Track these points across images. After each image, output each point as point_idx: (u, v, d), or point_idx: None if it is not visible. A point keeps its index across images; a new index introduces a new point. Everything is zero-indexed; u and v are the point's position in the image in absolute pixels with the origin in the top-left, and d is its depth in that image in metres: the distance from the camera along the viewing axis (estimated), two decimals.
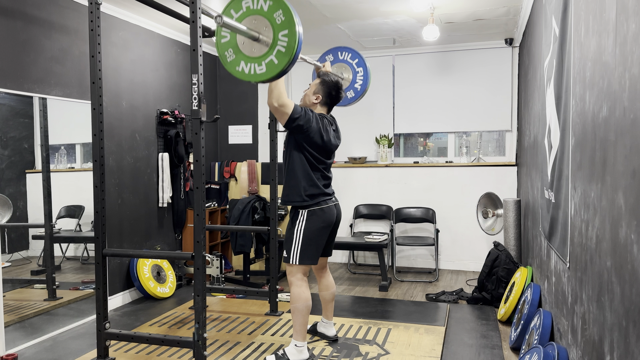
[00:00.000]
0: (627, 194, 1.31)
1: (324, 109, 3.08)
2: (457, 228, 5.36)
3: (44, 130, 3.53)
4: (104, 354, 2.97)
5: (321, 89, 3.04)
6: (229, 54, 2.56)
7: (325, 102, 3.06)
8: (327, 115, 3.08)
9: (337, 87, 3.06)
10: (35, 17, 3.39)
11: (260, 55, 2.48)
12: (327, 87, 3.04)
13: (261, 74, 2.49)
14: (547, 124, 2.78)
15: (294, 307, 2.94)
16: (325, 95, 3.04)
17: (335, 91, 3.06)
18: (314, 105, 3.06)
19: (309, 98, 3.07)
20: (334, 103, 3.10)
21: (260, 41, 2.48)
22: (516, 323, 3.23)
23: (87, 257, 4.02)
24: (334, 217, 3.03)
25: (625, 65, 1.33)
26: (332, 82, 3.05)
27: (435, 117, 5.53)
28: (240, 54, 2.53)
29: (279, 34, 2.43)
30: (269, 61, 2.47)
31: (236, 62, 2.54)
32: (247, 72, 2.52)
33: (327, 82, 3.04)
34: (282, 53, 2.43)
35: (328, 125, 3.00)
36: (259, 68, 2.49)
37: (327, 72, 3.16)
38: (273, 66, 2.46)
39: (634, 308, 1.26)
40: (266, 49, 2.46)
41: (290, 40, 2.41)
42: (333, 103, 3.10)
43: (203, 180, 2.64)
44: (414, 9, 4.14)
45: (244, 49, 2.52)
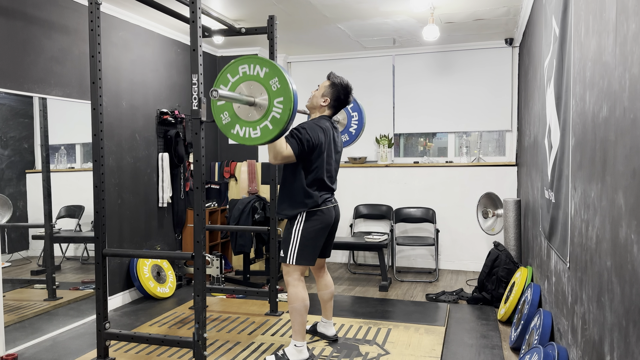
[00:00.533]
0: (627, 194, 1.31)
1: (330, 112, 3.06)
2: (457, 228, 5.36)
3: (44, 130, 3.53)
4: (104, 354, 2.97)
5: (330, 92, 3.01)
6: (224, 116, 2.59)
7: (333, 105, 3.03)
8: (329, 121, 3.04)
9: (346, 90, 3.02)
10: (35, 17, 3.39)
11: (255, 120, 2.52)
12: (337, 90, 3.01)
13: (256, 138, 2.53)
14: (547, 124, 2.78)
15: (292, 308, 2.94)
16: (333, 98, 3.01)
17: (344, 95, 3.02)
18: (321, 108, 3.04)
19: (316, 100, 3.04)
20: (341, 107, 3.08)
21: (256, 106, 2.51)
22: (516, 323, 3.23)
23: (87, 257, 4.02)
24: (332, 218, 3.03)
25: (625, 65, 1.33)
26: (342, 85, 3.01)
27: (435, 117, 5.53)
28: (235, 117, 2.56)
29: (274, 101, 2.46)
30: (263, 126, 2.50)
31: (231, 125, 2.57)
32: (242, 135, 2.55)
33: (336, 85, 3.01)
34: (277, 119, 2.47)
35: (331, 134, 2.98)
36: (253, 132, 2.53)
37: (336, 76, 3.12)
38: (268, 131, 2.50)
39: (634, 308, 1.26)
40: (261, 114, 2.50)
41: (285, 108, 2.44)
42: (340, 107, 3.07)
43: (203, 180, 2.64)
44: (414, 9, 4.14)
45: (240, 113, 2.55)
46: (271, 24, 3.63)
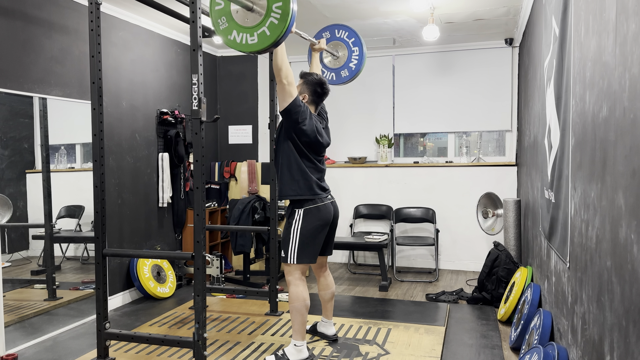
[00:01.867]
0: (627, 194, 1.31)
1: (312, 107, 3.08)
2: (457, 228, 5.36)
3: (44, 130, 3.53)
4: (104, 354, 2.97)
5: (306, 89, 3.05)
6: (222, 21, 2.54)
7: (313, 100, 3.07)
8: (316, 112, 3.09)
9: (321, 84, 3.06)
10: (35, 17, 3.39)
11: (252, 26, 2.46)
12: (312, 85, 3.04)
13: (252, 45, 2.48)
14: (547, 124, 2.78)
15: (292, 307, 2.94)
16: (311, 93, 3.05)
17: (320, 88, 3.06)
18: None
19: None
20: (321, 99, 3.11)
21: (254, 11, 2.45)
22: (516, 323, 3.23)
23: (87, 257, 4.02)
24: (331, 215, 3.03)
25: (625, 65, 1.33)
26: (314, 80, 3.05)
27: (436, 117, 5.53)
28: (233, 22, 2.50)
29: (273, 6, 2.41)
30: (261, 32, 2.45)
31: (228, 31, 2.52)
32: (239, 41, 2.51)
33: (309, 81, 3.05)
34: (275, 25, 2.41)
35: (318, 123, 3.02)
36: (250, 38, 2.48)
37: (310, 72, 3.14)
38: (265, 37, 2.44)
39: (634, 308, 1.26)
40: (259, 20, 2.44)
41: (284, 12, 2.39)
42: (320, 99, 3.11)
43: (203, 180, 2.64)
44: (414, 9, 4.14)
45: (237, 18, 2.50)
46: None
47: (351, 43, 3.68)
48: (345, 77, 3.70)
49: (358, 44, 3.67)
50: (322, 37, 3.65)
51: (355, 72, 3.69)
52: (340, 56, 3.70)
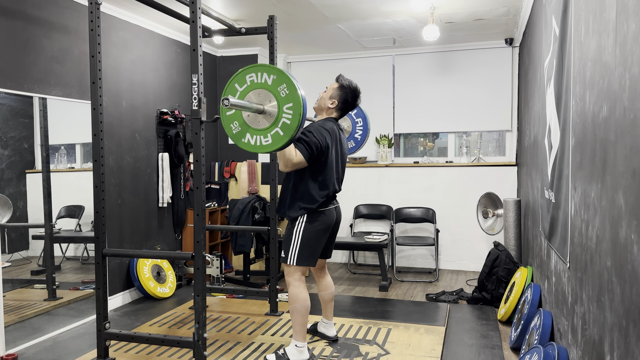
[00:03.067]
0: (627, 194, 1.31)
1: (337, 114, 3.05)
2: (457, 228, 5.36)
3: (44, 130, 3.53)
4: (104, 354, 2.97)
5: (338, 95, 3.01)
6: (235, 126, 2.58)
7: (340, 107, 3.03)
8: (335, 123, 3.02)
9: (354, 94, 3.02)
10: (35, 17, 3.39)
11: (265, 128, 2.51)
12: (345, 93, 3.00)
13: (267, 145, 2.52)
14: (547, 124, 2.78)
15: (293, 308, 2.94)
16: (341, 101, 3.01)
17: (352, 98, 3.02)
18: (328, 110, 3.04)
19: (324, 102, 3.04)
20: (348, 109, 3.07)
21: (266, 113, 2.50)
22: (516, 323, 3.23)
23: (87, 257, 4.02)
24: (334, 220, 3.02)
25: (625, 65, 1.33)
26: (350, 88, 3.01)
27: (435, 117, 5.53)
28: (246, 126, 2.55)
29: (284, 107, 2.46)
30: (274, 133, 2.49)
31: (242, 135, 2.56)
32: (254, 143, 2.54)
33: (345, 87, 3.01)
34: (288, 125, 2.46)
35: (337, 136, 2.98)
36: (264, 140, 2.52)
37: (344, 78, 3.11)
38: (279, 137, 2.49)
39: (634, 308, 1.26)
40: (271, 121, 2.49)
41: (295, 113, 2.44)
42: (347, 109, 3.07)
43: (203, 180, 2.64)
44: (414, 9, 4.14)
45: (250, 122, 2.54)
46: (271, 24, 3.63)
47: (354, 115, 3.75)
48: (352, 147, 3.79)
49: (360, 114, 3.74)
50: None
51: (361, 142, 3.76)
52: (344, 128, 3.74)
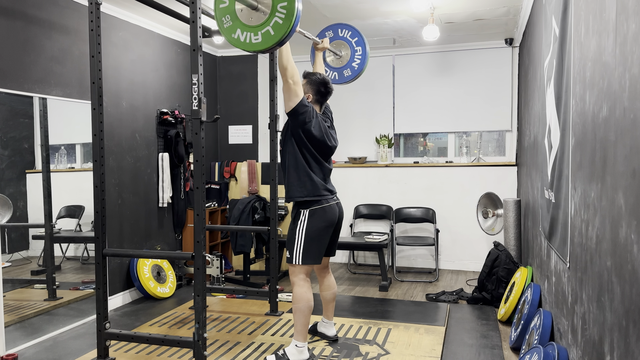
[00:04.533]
0: (627, 194, 1.31)
1: (317, 107, 3.08)
2: (457, 228, 5.36)
3: (44, 130, 3.53)
4: (104, 354, 2.97)
5: (310, 89, 3.04)
6: (226, 20, 2.53)
7: (317, 99, 3.06)
8: (320, 112, 3.08)
9: (324, 83, 3.05)
10: (35, 17, 3.39)
11: (257, 25, 2.45)
12: (315, 85, 3.04)
13: (257, 44, 2.47)
14: (547, 124, 2.78)
15: (296, 308, 2.94)
16: (315, 93, 3.04)
17: (324, 87, 3.05)
18: None
19: None
20: (325, 99, 3.10)
21: (259, 10, 2.45)
22: (516, 323, 3.23)
23: (87, 257, 4.02)
24: (336, 216, 3.03)
25: (625, 65, 1.33)
26: (318, 80, 3.04)
27: (436, 117, 5.53)
28: (237, 21, 2.49)
29: (278, 5, 2.40)
30: (265, 31, 2.44)
31: (232, 29, 2.51)
32: (243, 40, 2.50)
33: (313, 80, 3.04)
34: (280, 24, 2.40)
35: (324, 124, 3.02)
36: (254, 37, 2.47)
37: (313, 72, 3.14)
38: (269, 37, 2.44)
39: (634, 308, 1.26)
40: (264, 19, 2.43)
41: (289, 12, 2.38)
42: (324, 99, 3.10)
43: (203, 180, 2.64)
44: (414, 9, 4.14)
45: (242, 17, 2.49)
46: None
47: (354, 42, 3.67)
48: (348, 76, 3.70)
49: (361, 43, 3.66)
50: (325, 36, 3.65)
51: (358, 71, 3.68)
52: (343, 55, 3.69)
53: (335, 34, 3.69)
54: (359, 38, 3.65)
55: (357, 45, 3.67)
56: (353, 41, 3.66)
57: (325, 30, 3.71)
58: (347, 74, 3.70)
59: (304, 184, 2.92)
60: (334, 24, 3.72)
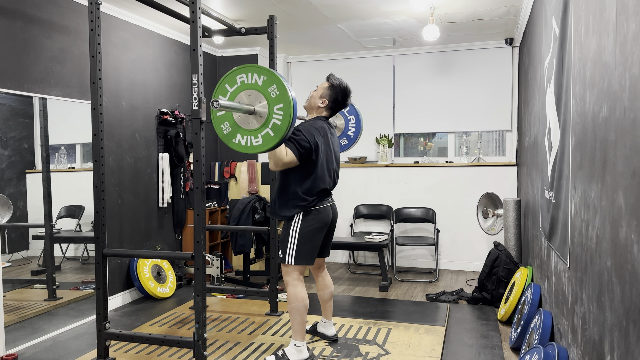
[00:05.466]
0: (627, 194, 1.31)
1: (327, 113, 3.06)
2: (457, 228, 5.36)
3: (44, 130, 3.53)
4: (104, 354, 2.97)
5: (328, 94, 3.01)
6: (225, 126, 2.57)
7: (330, 107, 3.04)
8: (325, 122, 3.04)
9: (345, 93, 3.03)
10: (35, 17, 3.39)
11: (256, 129, 2.51)
12: (335, 92, 3.01)
13: (258, 146, 2.52)
14: (547, 124, 2.78)
15: (291, 307, 2.94)
16: (331, 100, 3.02)
17: (342, 97, 3.03)
18: (318, 109, 3.04)
19: (314, 100, 3.05)
20: (338, 109, 3.08)
21: (256, 114, 2.50)
22: (516, 323, 3.23)
23: (87, 257, 4.02)
24: (330, 217, 3.02)
25: (626, 65, 1.33)
26: (340, 88, 3.01)
27: (436, 117, 5.53)
28: (236, 127, 2.55)
29: (274, 108, 2.46)
30: (265, 134, 2.49)
31: (232, 135, 2.56)
32: (244, 144, 2.54)
33: (335, 87, 3.01)
34: (278, 126, 2.46)
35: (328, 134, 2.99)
36: (255, 140, 2.52)
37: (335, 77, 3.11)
38: (269, 138, 2.49)
39: (634, 308, 1.26)
40: (262, 122, 2.49)
41: (286, 114, 2.44)
42: (338, 109, 3.08)
43: (203, 180, 2.64)
44: (414, 9, 4.14)
45: (240, 122, 2.54)
46: (271, 24, 3.63)
47: (346, 112, 3.76)
48: (346, 145, 3.78)
49: (353, 112, 3.74)
50: None
51: (354, 139, 3.76)
52: (337, 125, 3.75)
53: None
54: (350, 107, 3.72)
55: (349, 115, 3.76)
56: (345, 111, 3.74)
57: None
58: (344, 142, 3.78)
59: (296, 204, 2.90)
60: None
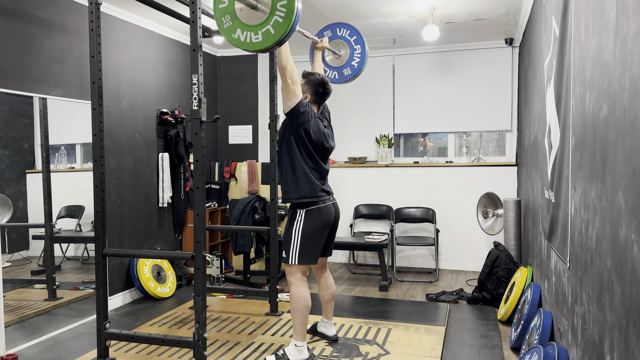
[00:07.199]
0: (627, 194, 1.31)
1: (315, 107, 3.08)
2: (457, 228, 5.36)
3: (44, 130, 3.53)
4: (104, 354, 2.97)
5: (308, 89, 3.04)
6: (226, 20, 2.52)
7: (315, 100, 3.06)
8: (318, 112, 3.08)
9: (323, 83, 3.05)
10: (35, 17, 3.39)
11: (257, 24, 2.45)
12: (313, 85, 3.04)
13: (257, 43, 2.46)
14: (547, 124, 2.78)
15: (294, 307, 2.94)
16: (312, 93, 3.04)
17: (322, 88, 3.05)
18: None
19: None
20: (323, 99, 3.10)
21: (258, 9, 2.44)
22: (516, 323, 3.23)
23: (87, 257, 4.02)
24: (332, 216, 3.03)
25: (625, 65, 1.33)
26: (316, 80, 3.04)
27: (436, 117, 5.53)
28: (237, 21, 2.48)
29: (277, 4, 2.39)
30: (265, 30, 2.43)
31: (232, 29, 2.50)
32: (243, 39, 2.49)
33: (311, 80, 3.04)
34: (280, 23, 2.40)
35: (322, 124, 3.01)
36: (254, 37, 2.46)
37: (312, 72, 3.13)
38: (269, 36, 2.43)
39: (634, 308, 1.26)
40: (264, 18, 2.43)
41: (289, 11, 2.37)
42: (322, 99, 3.10)
43: (203, 180, 2.64)
44: (414, 9, 4.14)
45: (241, 16, 2.48)
46: None
47: (353, 41, 3.66)
48: (348, 75, 3.70)
49: (360, 42, 3.65)
50: (323, 35, 3.65)
51: (358, 70, 3.68)
52: (342, 55, 3.69)
53: (334, 33, 3.69)
54: (357, 37, 3.64)
55: (355, 44, 3.66)
56: (352, 40, 3.65)
57: (324, 30, 3.71)
58: (347, 72, 3.70)
59: (302, 185, 2.92)
60: (333, 23, 3.71)
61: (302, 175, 2.93)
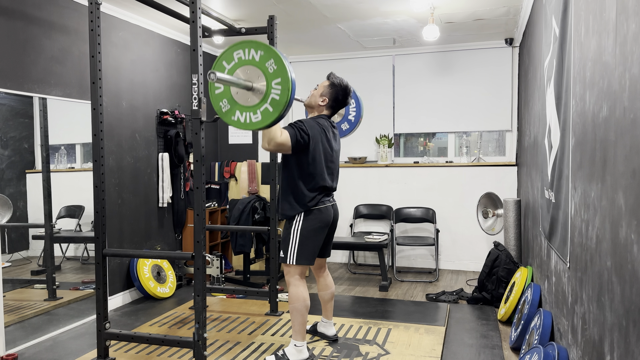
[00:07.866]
0: (627, 194, 1.31)
1: (328, 112, 3.06)
2: (457, 228, 5.36)
3: (44, 130, 3.53)
4: (104, 354, 2.97)
5: (329, 92, 3.01)
6: (224, 104, 2.56)
7: (331, 105, 3.03)
8: (327, 120, 3.04)
9: (345, 91, 3.02)
10: (35, 17, 3.39)
11: (255, 104, 2.50)
12: (335, 91, 3.01)
13: (257, 122, 2.50)
14: (547, 124, 2.78)
15: (292, 307, 2.94)
16: (332, 99, 3.01)
17: (342, 96, 3.02)
18: (319, 107, 3.04)
19: (315, 99, 3.04)
20: (339, 107, 3.08)
21: (254, 90, 2.49)
22: (516, 323, 3.23)
23: (87, 257, 4.02)
24: (331, 217, 3.02)
25: (625, 65, 1.33)
26: (341, 86, 3.01)
27: (436, 117, 5.53)
28: (235, 104, 2.54)
29: (272, 83, 2.45)
30: (264, 109, 2.48)
31: (231, 112, 2.55)
32: (243, 121, 2.53)
33: (336, 85, 3.01)
34: (277, 101, 2.44)
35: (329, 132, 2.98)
36: (254, 117, 2.50)
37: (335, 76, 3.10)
38: (268, 114, 2.47)
39: (634, 308, 1.26)
40: (261, 98, 2.48)
41: (284, 88, 2.42)
42: (338, 107, 3.07)
43: (203, 180, 2.64)
44: (414, 9, 4.14)
45: (239, 99, 2.53)
46: (271, 24, 3.63)
47: None
48: (347, 129, 3.77)
49: (353, 96, 3.70)
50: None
51: (355, 123, 3.75)
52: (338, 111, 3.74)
53: None
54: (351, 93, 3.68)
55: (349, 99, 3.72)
56: None
57: None
58: (345, 127, 3.77)
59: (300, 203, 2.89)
60: None
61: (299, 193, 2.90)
